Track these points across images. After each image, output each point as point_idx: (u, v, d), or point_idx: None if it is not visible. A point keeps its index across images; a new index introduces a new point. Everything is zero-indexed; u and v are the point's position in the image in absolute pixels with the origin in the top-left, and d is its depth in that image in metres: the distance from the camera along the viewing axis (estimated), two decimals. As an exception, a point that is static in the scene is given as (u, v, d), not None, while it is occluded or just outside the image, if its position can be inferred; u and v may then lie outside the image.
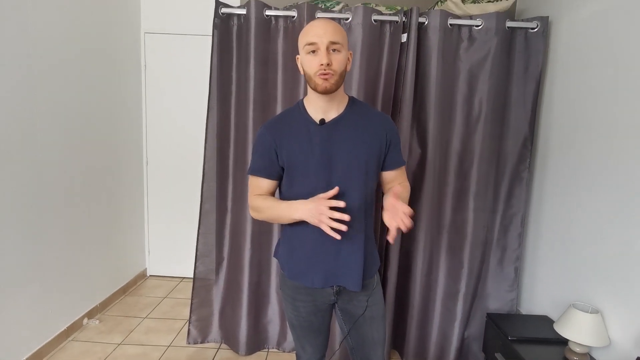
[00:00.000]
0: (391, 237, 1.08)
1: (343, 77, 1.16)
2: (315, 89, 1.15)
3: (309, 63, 1.13)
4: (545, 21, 1.99)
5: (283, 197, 1.28)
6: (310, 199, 1.14)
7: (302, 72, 1.19)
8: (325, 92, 1.14)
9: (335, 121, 1.20)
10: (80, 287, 2.44)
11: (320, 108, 1.20)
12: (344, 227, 1.06)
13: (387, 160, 1.28)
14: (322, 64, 1.09)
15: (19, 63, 1.90)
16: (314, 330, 1.34)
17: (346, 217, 1.06)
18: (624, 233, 1.53)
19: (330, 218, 1.07)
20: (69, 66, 2.25)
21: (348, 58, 1.17)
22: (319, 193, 1.17)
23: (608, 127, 1.65)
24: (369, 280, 1.28)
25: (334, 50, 1.11)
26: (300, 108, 1.23)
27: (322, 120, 1.19)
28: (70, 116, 2.28)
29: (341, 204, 1.07)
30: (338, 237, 1.07)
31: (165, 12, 2.93)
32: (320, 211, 1.08)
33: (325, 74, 1.10)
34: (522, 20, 2.02)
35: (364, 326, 1.30)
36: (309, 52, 1.12)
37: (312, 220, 1.12)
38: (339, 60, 1.12)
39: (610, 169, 1.62)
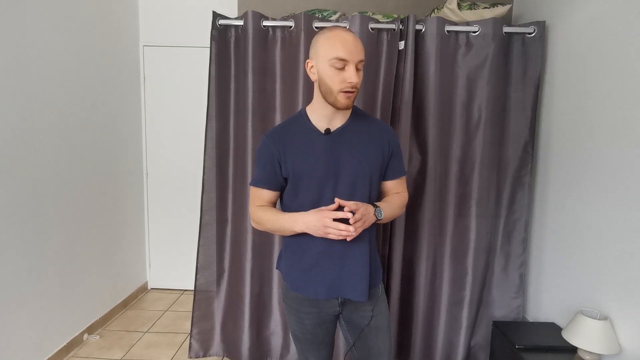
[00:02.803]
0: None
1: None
2: (334, 104, 1.13)
3: (333, 77, 1.10)
4: (542, 26, 2.00)
5: (285, 208, 1.26)
6: (311, 212, 1.13)
7: (314, 80, 1.15)
8: (346, 109, 1.14)
9: (339, 130, 1.20)
10: (80, 301, 2.42)
11: (326, 117, 1.19)
12: (352, 232, 1.06)
13: (389, 170, 1.28)
14: (351, 82, 1.08)
15: (17, 77, 1.90)
16: (319, 342, 1.32)
17: (352, 229, 1.06)
18: (631, 236, 1.51)
19: (336, 228, 1.07)
20: (68, 80, 2.25)
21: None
22: (324, 203, 1.16)
23: (609, 129, 1.63)
24: (373, 289, 1.27)
25: (358, 68, 1.11)
26: (304, 117, 1.22)
27: (328, 130, 1.18)
28: (70, 129, 2.28)
29: (348, 215, 1.07)
30: (348, 238, 1.08)
31: (164, 25, 2.95)
32: (324, 223, 1.08)
33: (350, 92, 1.10)
34: (519, 26, 2.02)
35: (370, 336, 1.28)
36: (334, 67, 1.09)
37: (315, 232, 1.11)
38: (360, 78, 1.12)
39: (613, 170, 1.61)
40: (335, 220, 1.08)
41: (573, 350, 1.65)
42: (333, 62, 1.08)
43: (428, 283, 2.11)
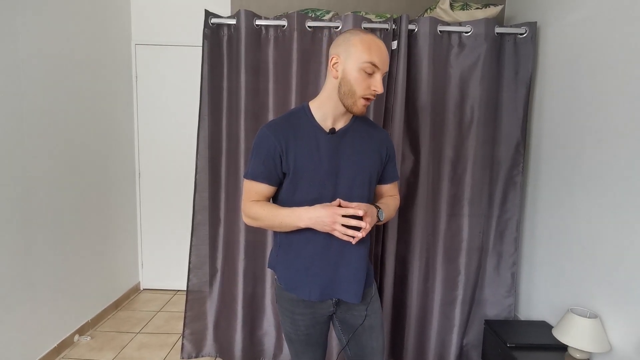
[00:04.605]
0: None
1: None
2: (350, 108, 1.12)
3: (361, 82, 1.09)
4: (533, 27, 2.01)
5: (281, 204, 1.23)
6: (318, 206, 1.11)
7: (334, 77, 1.12)
8: (359, 114, 1.16)
9: (342, 131, 1.19)
10: (71, 302, 2.39)
11: (332, 116, 1.17)
12: (359, 234, 1.06)
13: (385, 174, 1.29)
14: (375, 90, 1.10)
15: (6, 75, 1.87)
16: (313, 343, 1.31)
17: (363, 224, 1.06)
18: (620, 235, 1.53)
19: (345, 226, 1.07)
20: (58, 79, 2.22)
21: None
22: (323, 202, 1.15)
23: (600, 129, 1.65)
24: (367, 289, 1.27)
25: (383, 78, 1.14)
26: (307, 113, 1.19)
27: (333, 130, 1.17)
28: (61, 128, 2.25)
29: (360, 212, 1.07)
30: (353, 240, 1.08)
31: (156, 24, 2.93)
32: (334, 219, 1.07)
33: (370, 100, 1.12)
34: (511, 26, 2.04)
35: (363, 336, 1.28)
36: (364, 71, 1.08)
37: (322, 228, 1.09)
38: None
39: (604, 170, 1.62)
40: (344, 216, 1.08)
41: (564, 348, 1.66)
42: (365, 66, 1.07)
43: (421, 282, 2.11)
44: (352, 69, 1.08)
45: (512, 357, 1.67)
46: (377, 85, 1.09)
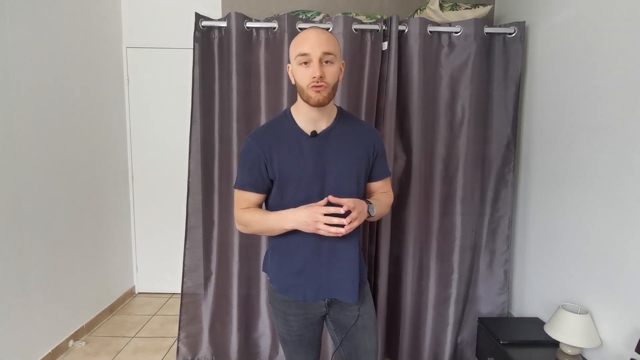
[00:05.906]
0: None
1: (336, 89, 1.14)
2: (307, 102, 1.12)
3: (301, 75, 1.10)
4: (522, 26, 2.03)
5: (271, 210, 1.25)
6: (301, 207, 1.12)
7: (293, 82, 1.16)
8: (319, 105, 1.11)
9: (326, 132, 1.19)
10: (65, 307, 2.37)
11: (311, 119, 1.18)
12: (342, 230, 1.06)
13: (374, 171, 1.28)
14: (314, 77, 1.07)
15: (-5, 82, 1.86)
16: (306, 344, 1.32)
17: (345, 221, 1.06)
18: (610, 232, 1.55)
19: (327, 223, 1.07)
20: (49, 83, 2.21)
21: (340, 68, 1.15)
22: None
23: (588, 127, 1.67)
24: (359, 289, 1.27)
25: (327, 61, 1.09)
26: (289, 118, 1.20)
27: (314, 132, 1.17)
28: (52, 133, 2.24)
29: (341, 210, 1.07)
30: (340, 234, 1.08)
31: (147, 27, 2.92)
32: (315, 219, 1.08)
33: (318, 87, 1.08)
34: (500, 26, 2.05)
35: (357, 336, 1.28)
36: (301, 64, 1.09)
37: (306, 228, 1.10)
38: (332, 72, 1.10)
39: (593, 167, 1.64)
40: (327, 215, 1.08)
41: (556, 344, 1.68)
42: (299, 59, 1.10)
43: (415, 281, 2.12)
44: (295, 69, 1.13)
45: (506, 354, 1.69)
46: (314, 71, 1.08)
